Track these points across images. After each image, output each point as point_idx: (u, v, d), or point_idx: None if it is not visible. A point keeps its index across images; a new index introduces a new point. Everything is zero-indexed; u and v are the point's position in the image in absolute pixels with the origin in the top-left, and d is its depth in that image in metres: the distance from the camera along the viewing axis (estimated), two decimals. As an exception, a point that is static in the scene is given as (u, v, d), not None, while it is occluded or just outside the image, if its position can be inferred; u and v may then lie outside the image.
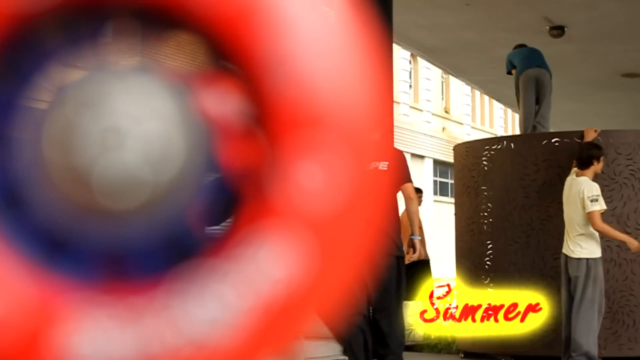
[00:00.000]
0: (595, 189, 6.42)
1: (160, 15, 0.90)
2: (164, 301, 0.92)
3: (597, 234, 6.44)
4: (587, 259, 6.41)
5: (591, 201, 6.38)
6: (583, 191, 6.42)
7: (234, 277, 0.88)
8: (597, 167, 6.55)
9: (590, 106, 14.51)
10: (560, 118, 13.10)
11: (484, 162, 7.72)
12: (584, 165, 6.56)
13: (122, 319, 0.90)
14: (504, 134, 28.92)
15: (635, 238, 6.96)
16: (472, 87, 18.21)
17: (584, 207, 6.42)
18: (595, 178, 6.59)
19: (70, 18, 0.92)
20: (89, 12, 0.91)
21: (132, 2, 0.89)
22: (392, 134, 7.70)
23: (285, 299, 0.88)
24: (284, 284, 0.88)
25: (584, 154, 6.60)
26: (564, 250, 6.57)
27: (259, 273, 0.88)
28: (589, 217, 6.38)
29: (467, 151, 8.00)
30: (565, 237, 6.58)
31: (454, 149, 8.40)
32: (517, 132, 9.04)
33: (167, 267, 0.94)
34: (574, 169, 6.69)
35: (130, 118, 0.93)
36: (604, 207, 6.44)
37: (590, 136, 7.09)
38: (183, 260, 0.95)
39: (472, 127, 32.87)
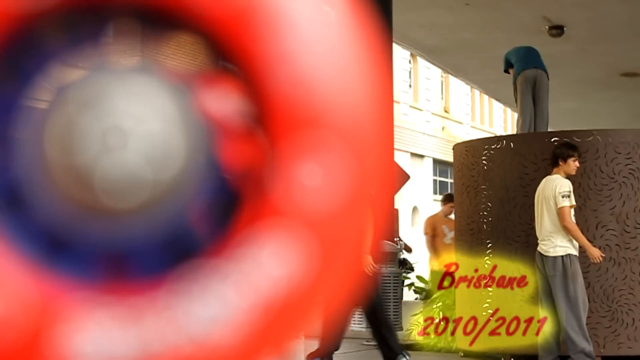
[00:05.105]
0: (567, 185, 6.47)
1: (161, 15, 0.91)
2: (166, 300, 0.92)
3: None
4: (562, 256, 6.43)
5: (562, 197, 6.43)
6: (555, 188, 6.47)
7: (235, 276, 0.89)
8: (566, 167, 6.58)
9: (589, 105, 14.50)
10: (560, 117, 13.09)
11: (484, 162, 7.72)
12: (553, 164, 6.64)
13: (124, 319, 0.91)
14: (504, 133, 28.95)
15: (634, 237, 6.97)
16: (471, 87, 18.19)
17: (556, 204, 6.46)
18: (577, 177, 6.65)
19: (72, 18, 0.93)
20: (90, 12, 0.91)
21: (133, 2, 0.90)
22: (392, 134, 7.69)
23: (286, 298, 0.89)
24: (285, 283, 0.89)
25: (553, 152, 6.68)
26: (538, 249, 6.61)
27: (260, 272, 0.89)
28: (559, 213, 6.42)
29: (467, 150, 8.00)
30: (539, 236, 6.62)
31: (453, 149, 8.40)
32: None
33: (169, 266, 0.95)
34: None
35: (131, 118, 0.94)
36: (574, 202, 6.48)
37: None
38: (184, 259, 0.96)
39: (472, 127, 32.81)
